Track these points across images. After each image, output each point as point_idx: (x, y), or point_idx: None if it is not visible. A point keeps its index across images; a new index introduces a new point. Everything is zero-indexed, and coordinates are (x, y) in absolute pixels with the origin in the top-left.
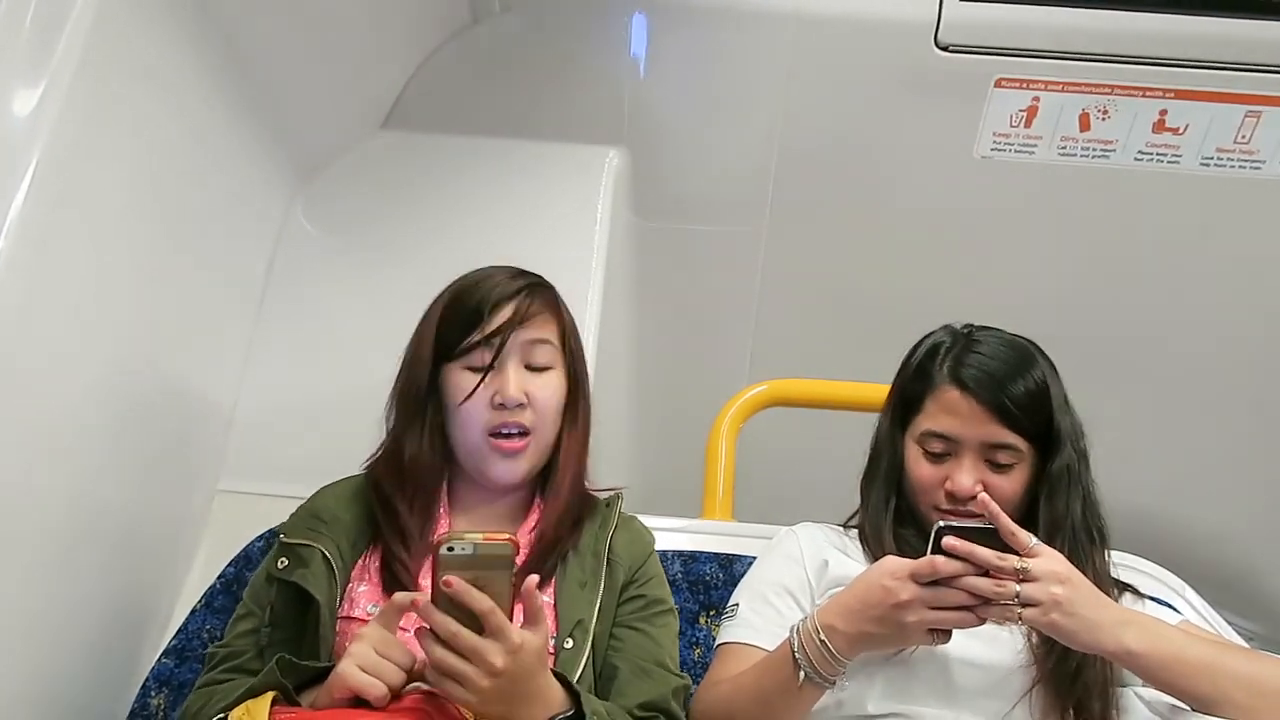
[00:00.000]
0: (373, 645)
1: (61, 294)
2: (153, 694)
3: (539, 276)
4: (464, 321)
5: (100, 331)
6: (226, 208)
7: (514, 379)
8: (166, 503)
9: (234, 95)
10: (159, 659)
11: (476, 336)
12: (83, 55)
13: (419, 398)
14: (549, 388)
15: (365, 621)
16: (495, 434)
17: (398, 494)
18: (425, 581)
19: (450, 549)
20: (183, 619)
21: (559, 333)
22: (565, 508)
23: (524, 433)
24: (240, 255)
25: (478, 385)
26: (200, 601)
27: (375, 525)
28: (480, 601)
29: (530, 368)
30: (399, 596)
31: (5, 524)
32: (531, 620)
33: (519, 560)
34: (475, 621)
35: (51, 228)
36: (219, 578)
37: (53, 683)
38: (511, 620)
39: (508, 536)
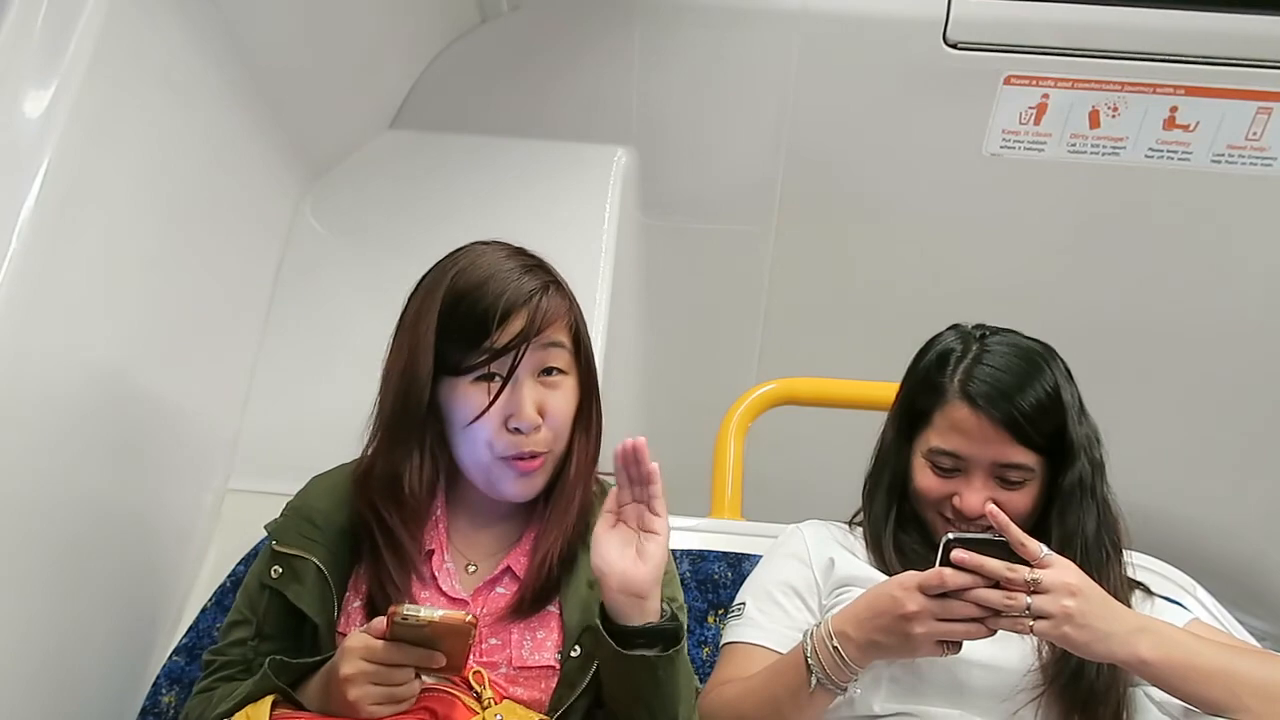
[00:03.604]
0: (370, 680)
1: (72, 293)
2: (164, 692)
3: (548, 270)
4: (470, 332)
5: (109, 330)
6: (235, 207)
7: (529, 398)
8: (177, 501)
9: (243, 95)
10: (170, 657)
11: (486, 350)
12: (93, 56)
13: (417, 416)
14: (564, 399)
15: None
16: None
17: (396, 518)
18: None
19: (404, 618)
20: (193, 617)
21: (571, 334)
22: (571, 528)
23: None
24: (249, 254)
25: (490, 405)
26: (211, 600)
27: (370, 534)
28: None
29: (543, 374)
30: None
31: (15, 522)
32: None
33: (478, 631)
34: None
35: (62, 228)
36: (229, 576)
37: (64, 681)
38: (466, 667)
39: (468, 619)
